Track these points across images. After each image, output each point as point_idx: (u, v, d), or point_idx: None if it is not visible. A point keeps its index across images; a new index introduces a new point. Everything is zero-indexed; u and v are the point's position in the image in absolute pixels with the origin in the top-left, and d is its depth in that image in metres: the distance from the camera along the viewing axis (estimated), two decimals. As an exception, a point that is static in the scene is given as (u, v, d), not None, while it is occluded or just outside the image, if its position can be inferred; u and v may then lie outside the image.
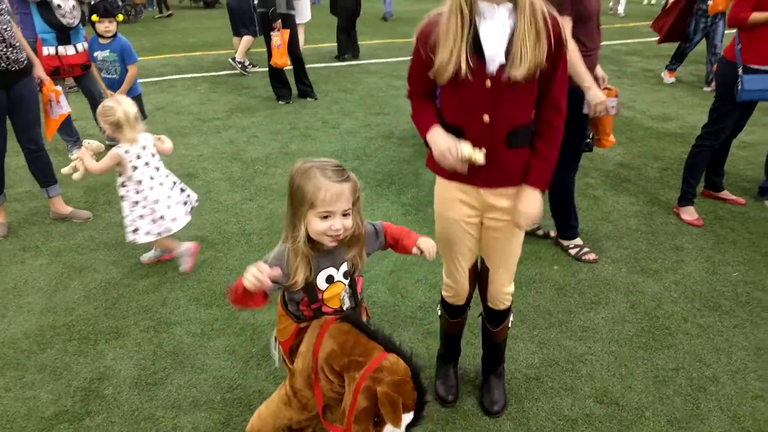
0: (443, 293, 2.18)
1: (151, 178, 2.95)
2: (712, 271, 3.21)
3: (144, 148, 2.91)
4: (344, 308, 1.68)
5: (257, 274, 1.44)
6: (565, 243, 3.38)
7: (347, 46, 8.72)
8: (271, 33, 5.85)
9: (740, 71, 3.39)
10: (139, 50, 8.56)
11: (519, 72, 1.57)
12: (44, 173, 3.60)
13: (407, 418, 1.37)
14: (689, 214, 3.78)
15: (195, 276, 3.09)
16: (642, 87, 7.22)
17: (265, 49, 6.18)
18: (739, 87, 3.39)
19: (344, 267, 1.64)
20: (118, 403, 2.25)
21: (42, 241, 3.46)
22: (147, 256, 3.21)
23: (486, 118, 1.68)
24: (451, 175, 1.82)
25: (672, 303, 2.93)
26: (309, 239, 1.55)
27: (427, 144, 1.81)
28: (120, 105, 2.82)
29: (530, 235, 3.52)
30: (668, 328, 2.73)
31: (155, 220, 2.95)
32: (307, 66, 6.60)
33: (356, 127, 5.60)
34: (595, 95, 2.82)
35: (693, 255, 3.37)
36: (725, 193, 4.06)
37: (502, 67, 1.60)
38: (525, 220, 1.82)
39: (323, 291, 1.62)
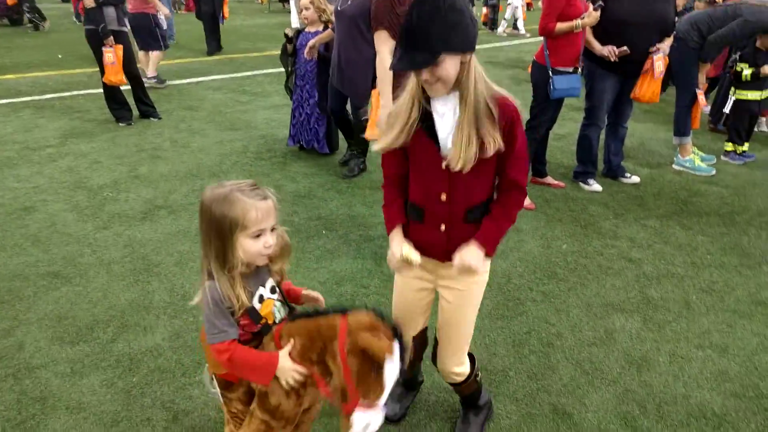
0: None
1: None
2: (547, 246, 3.73)
3: None
4: (277, 320, 1.68)
5: (297, 376, 1.54)
6: None
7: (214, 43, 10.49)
8: (103, 49, 5.51)
9: (550, 73, 3.99)
10: (-61, 75, 7.52)
11: (455, 163, 1.63)
12: None
13: (395, 347, 1.45)
14: (523, 199, 4.33)
15: (53, 314, 2.87)
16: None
17: (97, 69, 5.80)
18: (551, 87, 3.99)
19: (270, 282, 1.65)
20: (-17, 462, 2.05)
21: None
22: None
23: (443, 197, 1.74)
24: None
25: (519, 277, 3.36)
26: None
27: None
28: None
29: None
30: (518, 299, 3.14)
31: None
32: (146, 85, 6.31)
33: (208, 145, 5.49)
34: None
35: (530, 234, 3.88)
36: (549, 179, 4.71)
37: None
38: (458, 264, 1.72)
39: (259, 311, 1.63)
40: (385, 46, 2.94)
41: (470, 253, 1.72)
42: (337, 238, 3.75)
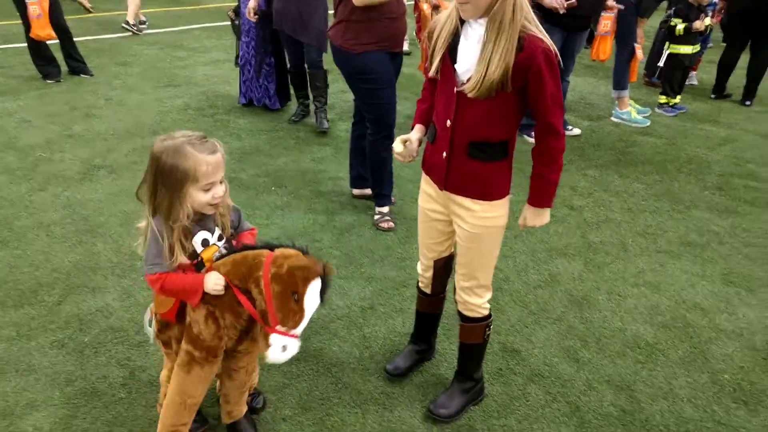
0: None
1: None
2: (494, 197, 3.84)
3: None
4: None
5: (218, 285, 1.57)
6: (377, 209, 3.44)
7: None
8: (27, 1, 5.12)
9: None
10: None
11: (470, 90, 1.63)
12: None
13: (317, 283, 1.51)
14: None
15: (-8, 279, 2.75)
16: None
17: (20, 22, 5.39)
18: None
19: (217, 231, 1.69)
20: (-70, 429, 1.99)
21: None
22: None
23: (448, 123, 1.73)
24: (426, 169, 1.93)
25: (467, 226, 3.45)
26: None
27: None
28: None
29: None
30: (468, 247, 3.24)
31: None
32: (75, 39, 5.93)
33: (146, 102, 5.27)
34: None
35: (477, 186, 3.98)
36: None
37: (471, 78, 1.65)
38: (522, 226, 1.96)
39: (200, 253, 1.67)
40: None
41: (530, 215, 1.89)
42: (286, 194, 3.72)
